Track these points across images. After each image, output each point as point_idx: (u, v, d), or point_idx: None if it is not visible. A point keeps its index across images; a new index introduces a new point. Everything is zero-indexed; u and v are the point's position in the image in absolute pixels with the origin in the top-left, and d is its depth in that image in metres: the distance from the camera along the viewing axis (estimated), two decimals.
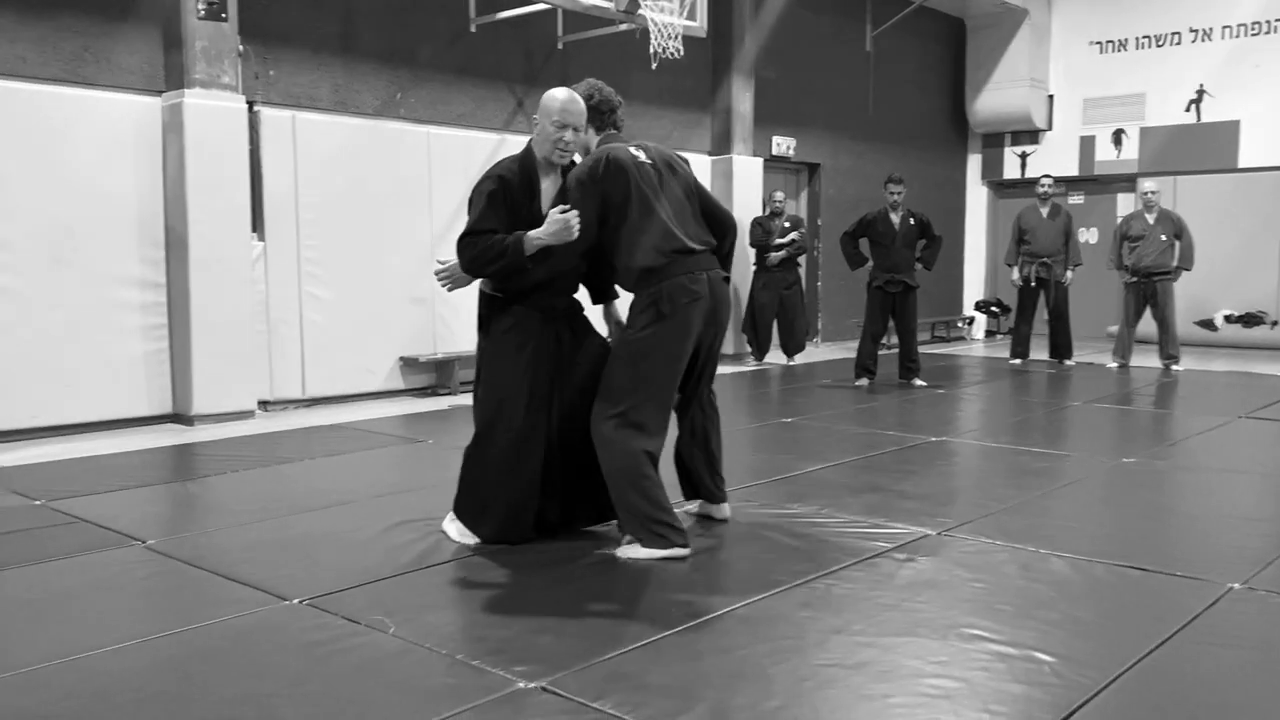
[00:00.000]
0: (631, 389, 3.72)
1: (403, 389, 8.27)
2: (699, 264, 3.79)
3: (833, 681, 2.67)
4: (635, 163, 3.79)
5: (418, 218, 8.30)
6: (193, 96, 6.77)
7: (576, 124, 3.75)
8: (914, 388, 8.50)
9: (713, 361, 4.03)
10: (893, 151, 13.15)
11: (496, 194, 3.71)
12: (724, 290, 3.92)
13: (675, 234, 3.75)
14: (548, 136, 3.75)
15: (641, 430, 3.71)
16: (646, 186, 3.77)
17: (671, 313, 3.70)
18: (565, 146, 3.76)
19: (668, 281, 3.71)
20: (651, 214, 3.75)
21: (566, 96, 3.75)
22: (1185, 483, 4.99)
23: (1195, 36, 12.61)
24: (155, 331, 6.93)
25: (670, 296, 3.70)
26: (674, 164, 3.95)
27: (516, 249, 3.63)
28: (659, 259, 3.72)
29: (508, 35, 8.98)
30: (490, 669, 2.73)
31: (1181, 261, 9.68)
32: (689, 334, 3.75)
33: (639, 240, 3.74)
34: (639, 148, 3.88)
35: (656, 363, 3.72)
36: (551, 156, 3.78)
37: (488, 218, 3.69)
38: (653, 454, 3.74)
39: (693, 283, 3.73)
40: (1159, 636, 2.93)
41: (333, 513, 4.43)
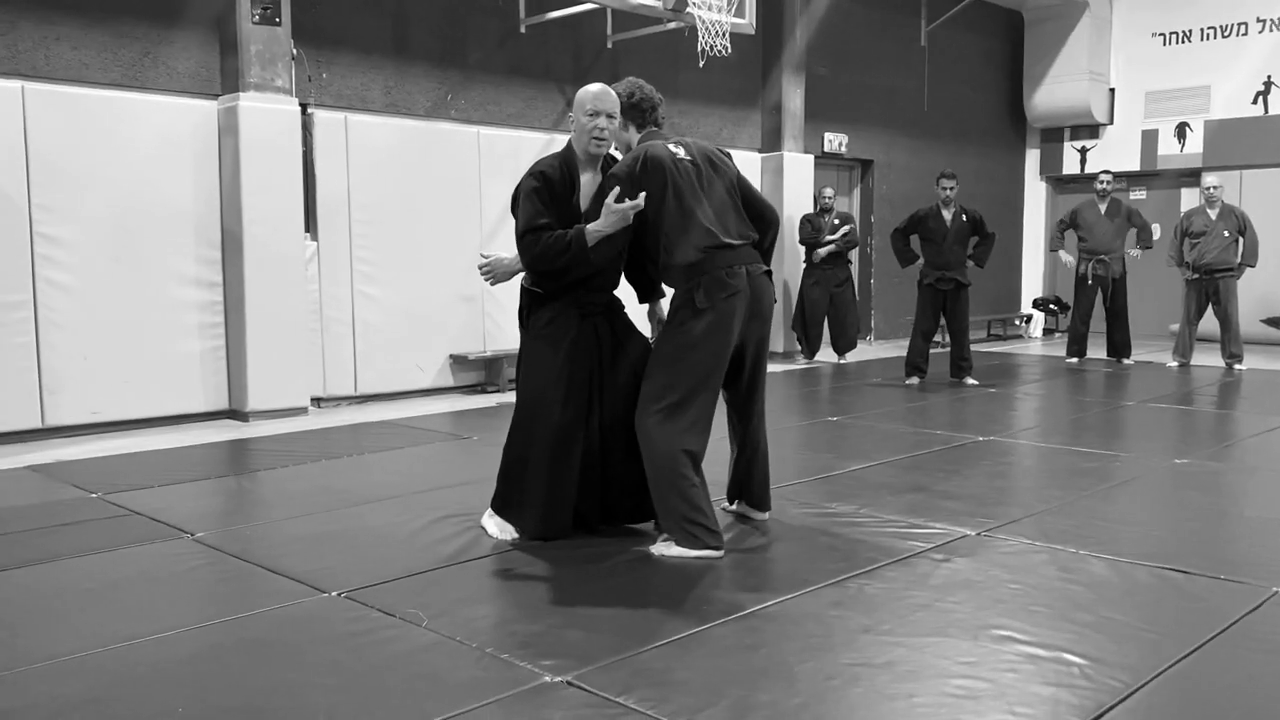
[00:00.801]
0: (672, 385, 3.73)
1: (452, 386, 8.38)
2: (738, 258, 3.78)
3: (857, 680, 2.66)
4: (674, 160, 3.80)
5: (467, 217, 8.39)
6: (247, 99, 6.92)
7: (609, 110, 3.79)
8: (965, 386, 8.40)
9: (761, 365, 3.98)
10: (948, 147, 13.00)
11: (541, 190, 3.78)
12: (765, 284, 3.89)
13: (713, 230, 3.76)
14: (583, 128, 3.80)
15: (683, 427, 3.71)
16: (684, 183, 3.78)
17: (710, 307, 3.70)
18: (600, 134, 3.78)
19: (705, 276, 3.72)
20: (689, 210, 3.76)
21: (599, 88, 3.82)
22: (1237, 485, 4.88)
23: (1263, 26, 12.27)
24: (212, 330, 7.10)
25: (708, 291, 3.70)
26: (714, 159, 3.94)
27: (580, 242, 3.69)
28: (696, 255, 3.73)
29: (557, 35, 9.04)
30: (518, 663, 2.76)
31: (1245, 258, 9.44)
32: (729, 328, 3.73)
33: (677, 237, 3.76)
34: (678, 144, 3.89)
35: (697, 358, 3.72)
36: (590, 148, 3.81)
37: (541, 213, 3.76)
38: (694, 452, 3.74)
39: (730, 276, 3.72)
40: (1195, 641, 2.88)
41: (376, 507, 4.51)
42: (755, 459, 4.11)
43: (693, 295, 3.72)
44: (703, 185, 3.83)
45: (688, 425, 3.72)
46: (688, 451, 3.72)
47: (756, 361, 3.96)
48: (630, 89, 3.92)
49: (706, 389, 3.77)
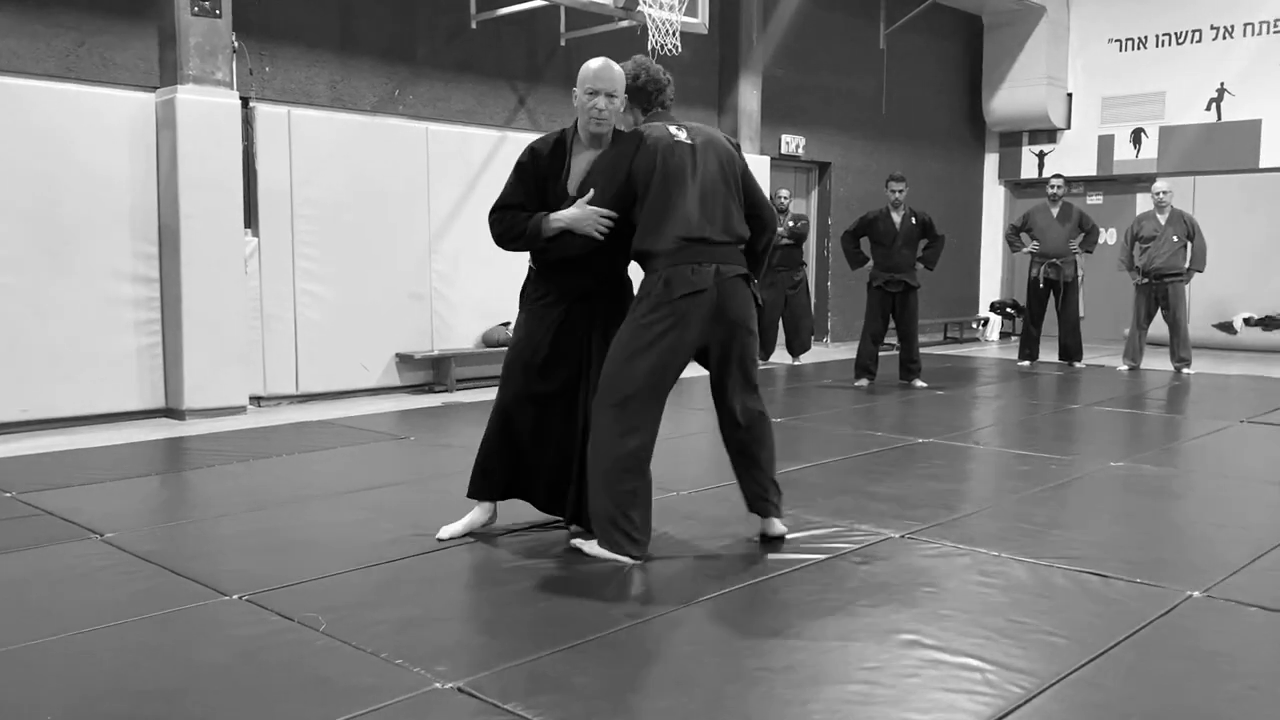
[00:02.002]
0: (621, 381, 3.57)
1: (399, 386, 8.27)
2: (711, 255, 3.57)
3: (756, 684, 2.61)
4: (670, 142, 3.62)
5: (416, 214, 8.30)
6: (186, 92, 6.80)
7: (609, 89, 3.61)
8: (914, 389, 8.39)
9: (732, 366, 3.69)
10: (906, 150, 13.02)
11: (526, 166, 3.71)
12: (736, 288, 3.63)
13: (693, 220, 3.57)
14: (583, 106, 3.65)
15: (629, 425, 3.56)
16: (675, 167, 3.59)
17: (667, 301, 3.52)
18: (599, 114, 3.62)
19: (671, 269, 3.54)
20: (672, 196, 3.57)
21: (600, 64, 3.65)
22: (1168, 488, 4.88)
23: (1216, 34, 12.38)
24: (148, 326, 6.97)
25: (668, 284, 3.53)
26: (719, 148, 3.73)
27: (534, 230, 3.62)
28: (667, 244, 3.55)
29: (510, 32, 8.97)
30: (412, 668, 2.69)
31: (1194, 263, 9.50)
32: (685, 327, 3.53)
33: (653, 222, 3.58)
34: (680, 127, 3.71)
35: (648, 355, 3.54)
36: (589, 126, 3.67)
37: (514, 191, 3.70)
38: (636, 452, 3.57)
39: (694, 274, 3.53)
40: (1102, 645, 2.85)
41: (297, 508, 4.42)
42: (755, 460, 3.79)
43: (653, 288, 3.56)
44: (695, 173, 3.63)
45: (633, 422, 3.57)
46: (631, 452, 3.56)
47: (724, 362, 3.68)
48: (636, 70, 3.74)
49: (655, 390, 3.59)
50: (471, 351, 8.58)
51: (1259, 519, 4.29)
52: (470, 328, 8.67)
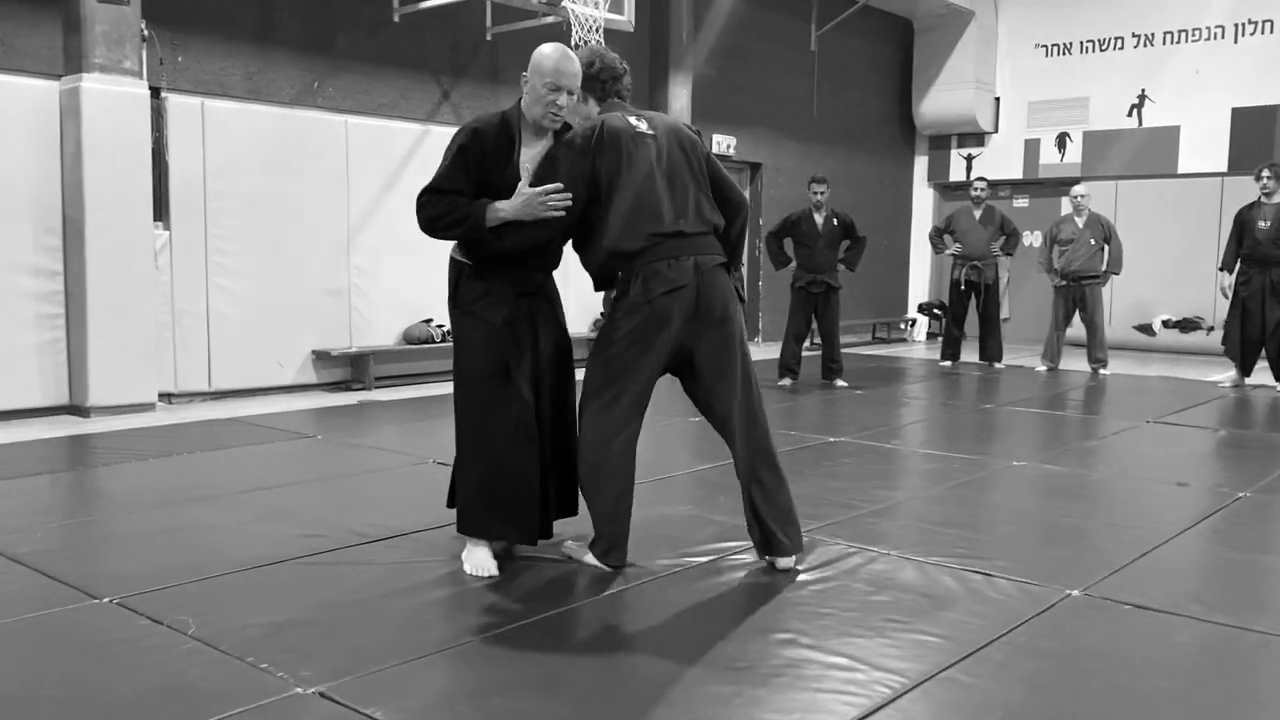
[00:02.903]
0: (604, 382, 3.42)
1: (316, 383, 8.14)
2: (686, 248, 3.39)
3: (623, 684, 2.60)
4: (633, 133, 3.43)
5: (335, 208, 8.17)
6: (91, 81, 6.62)
7: (570, 86, 3.37)
8: (835, 388, 8.45)
9: (718, 364, 3.46)
10: (837, 152, 13.12)
11: (467, 149, 3.37)
12: (717, 280, 3.44)
13: (662, 214, 3.38)
14: (538, 98, 3.36)
15: (613, 428, 3.42)
16: (641, 160, 3.40)
17: (645, 301, 3.34)
18: (557, 110, 3.38)
19: (645, 267, 3.36)
20: (639, 191, 3.38)
21: (560, 55, 3.37)
22: (1065, 487, 4.95)
23: (1138, 42, 12.64)
24: (51, 321, 6.78)
25: (645, 283, 3.35)
26: (682, 137, 3.54)
27: (477, 220, 3.33)
28: (638, 241, 3.36)
29: (433, 25, 8.87)
30: (276, 673, 2.63)
31: (1110, 266, 9.68)
32: (664, 326, 3.36)
33: (620, 220, 3.38)
34: (640, 117, 3.52)
35: (626, 358, 3.38)
36: (543, 121, 3.40)
37: (453, 175, 3.37)
38: (623, 454, 3.45)
39: (671, 269, 3.35)
40: (975, 644, 2.87)
41: (188, 508, 4.32)
42: (765, 488, 3.56)
43: (629, 287, 3.38)
44: (661, 164, 3.44)
45: (614, 428, 3.42)
46: (615, 454, 3.43)
47: (725, 373, 3.47)
48: (590, 58, 3.56)
49: (633, 393, 3.42)
50: (391, 349, 8.47)
51: (1149, 518, 4.37)
52: (390, 324, 8.57)
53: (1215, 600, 3.28)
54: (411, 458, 5.41)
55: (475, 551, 3.50)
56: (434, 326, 8.66)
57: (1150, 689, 2.62)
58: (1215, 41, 12.14)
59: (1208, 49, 12.18)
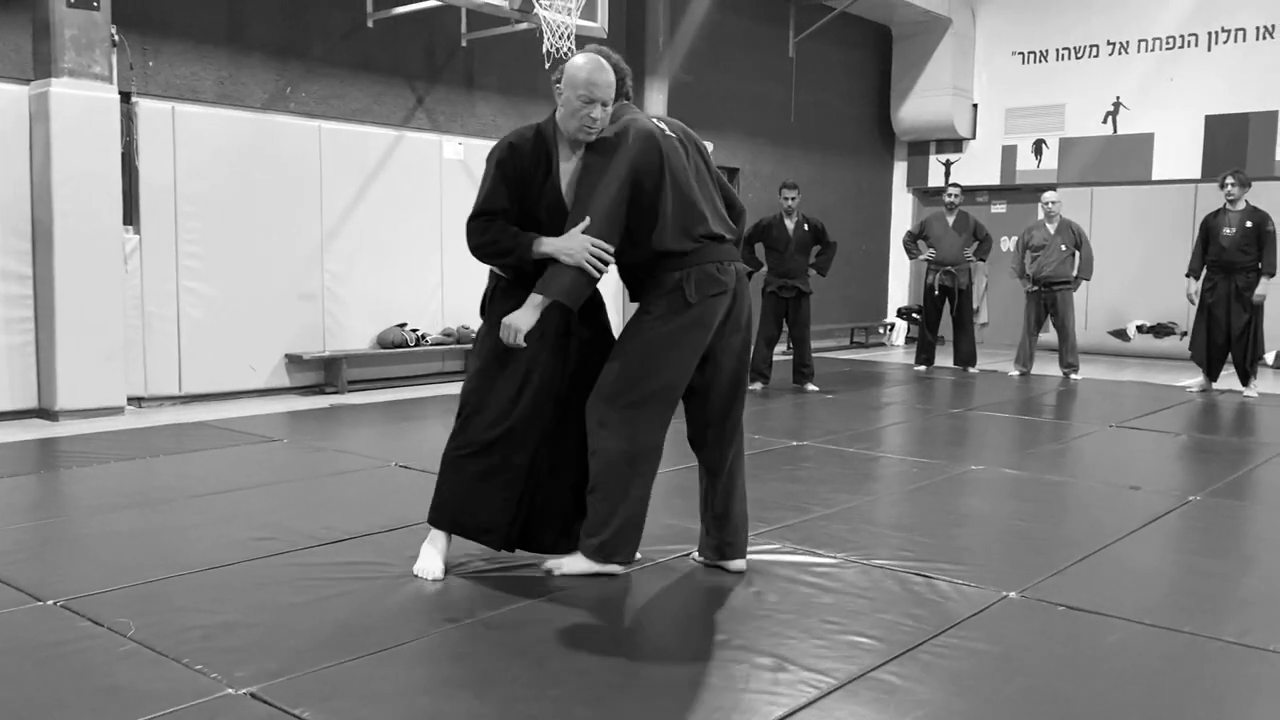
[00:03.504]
0: (641, 381, 3.34)
1: (288, 387, 8.16)
2: (727, 254, 3.42)
3: (555, 686, 2.63)
4: (662, 134, 3.40)
5: (308, 213, 8.20)
6: (60, 86, 6.63)
7: (605, 98, 3.30)
8: (806, 392, 8.50)
9: (739, 383, 3.49)
10: (815, 157, 13.19)
11: (505, 164, 3.35)
12: (747, 288, 3.51)
13: (706, 216, 3.39)
14: (573, 111, 3.31)
15: (645, 427, 3.37)
16: (677, 161, 3.39)
17: (697, 302, 3.32)
18: (592, 124, 3.32)
19: (696, 268, 3.33)
20: (681, 192, 3.37)
21: (594, 66, 3.31)
22: (1019, 491, 5.00)
23: (1113, 49, 12.74)
24: (20, 324, 6.79)
25: (698, 285, 3.32)
26: (694, 139, 3.56)
27: (522, 254, 3.29)
28: (688, 243, 3.34)
29: (408, 31, 8.90)
30: (210, 674, 2.66)
31: (1081, 271, 9.76)
32: (708, 329, 3.36)
33: (667, 221, 3.33)
34: (660, 120, 3.51)
35: (672, 357, 3.35)
36: (577, 134, 3.34)
37: (495, 194, 3.34)
38: (651, 455, 3.43)
39: (721, 273, 3.36)
40: (906, 645, 2.92)
41: (142, 511, 4.34)
42: (733, 497, 3.59)
43: (681, 286, 3.32)
44: (692, 166, 3.45)
45: (646, 427, 3.38)
46: (643, 454, 3.39)
47: (735, 378, 3.49)
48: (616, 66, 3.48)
49: (672, 393, 3.40)
50: (364, 353, 8.50)
51: (1097, 521, 4.42)
52: (364, 328, 8.59)
53: (1148, 602, 3.33)
54: (374, 461, 5.44)
55: (428, 550, 3.51)
56: (408, 331, 8.70)
57: (1070, 689, 2.66)
58: (1189, 49, 12.24)
59: (1181, 57, 12.28)
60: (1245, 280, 8.59)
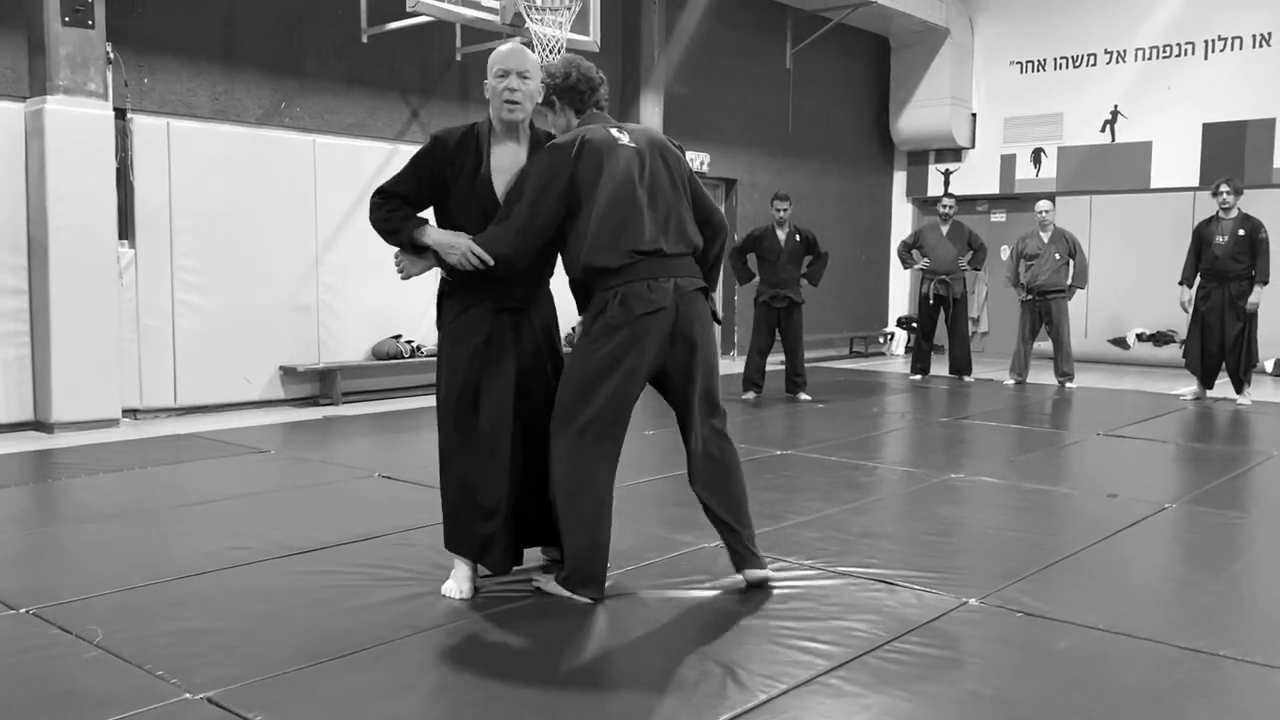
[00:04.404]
0: (581, 406, 3.32)
1: (283, 399, 8.24)
2: (667, 269, 3.32)
3: (507, 693, 2.67)
4: (613, 145, 3.36)
5: (302, 226, 8.28)
6: (55, 103, 6.74)
7: (519, 68, 3.35)
8: (799, 402, 8.54)
9: (695, 386, 3.43)
10: (813, 167, 13.24)
11: (425, 154, 3.43)
12: (695, 303, 3.39)
13: (643, 231, 3.30)
14: (494, 91, 3.38)
15: (592, 454, 3.33)
16: (622, 173, 3.33)
17: (624, 323, 3.27)
18: (513, 96, 3.34)
19: (625, 286, 3.28)
20: (621, 205, 3.30)
21: (509, 46, 3.44)
22: (996, 499, 5.02)
23: (1110, 58, 12.76)
24: (16, 339, 6.89)
25: (625, 303, 3.27)
26: (665, 152, 3.47)
27: (406, 236, 3.39)
28: (618, 258, 3.28)
29: (402, 46, 9.00)
30: (169, 679, 2.71)
31: (1075, 280, 9.77)
32: (643, 349, 3.29)
33: (602, 235, 3.29)
34: (621, 129, 3.44)
35: (607, 379, 3.29)
36: (503, 113, 3.38)
37: (404, 179, 3.44)
38: (603, 480, 3.37)
39: (652, 290, 3.28)
40: (859, 651, 2.95)
41: (124, 521, 4.41)
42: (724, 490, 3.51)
43: (607, 307, 3.30)
44: (643, 179, 3.37)
45: (593, 454, 3.33)
46: (594, 481, 3.34)
47: (688, 381, 3.41)
48: (567, 68, 3.50)
49: (616, 415, 3.34)
50: (359, 364, 8.57)
51: (1069, 528, 4.44)
52: (359, 340, 8.67)
53: (1107, 608, 3.35)
54: (358, 471, 5.49)
55: (458, 569, 3.49)
56: (403, 342, 8.76)
57: (1016, 692, 2.69)
58: (1186, 58, 12.25)
59: (1179, 65, 12.29)
60: (1239, 288, 8.59)
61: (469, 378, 3.43)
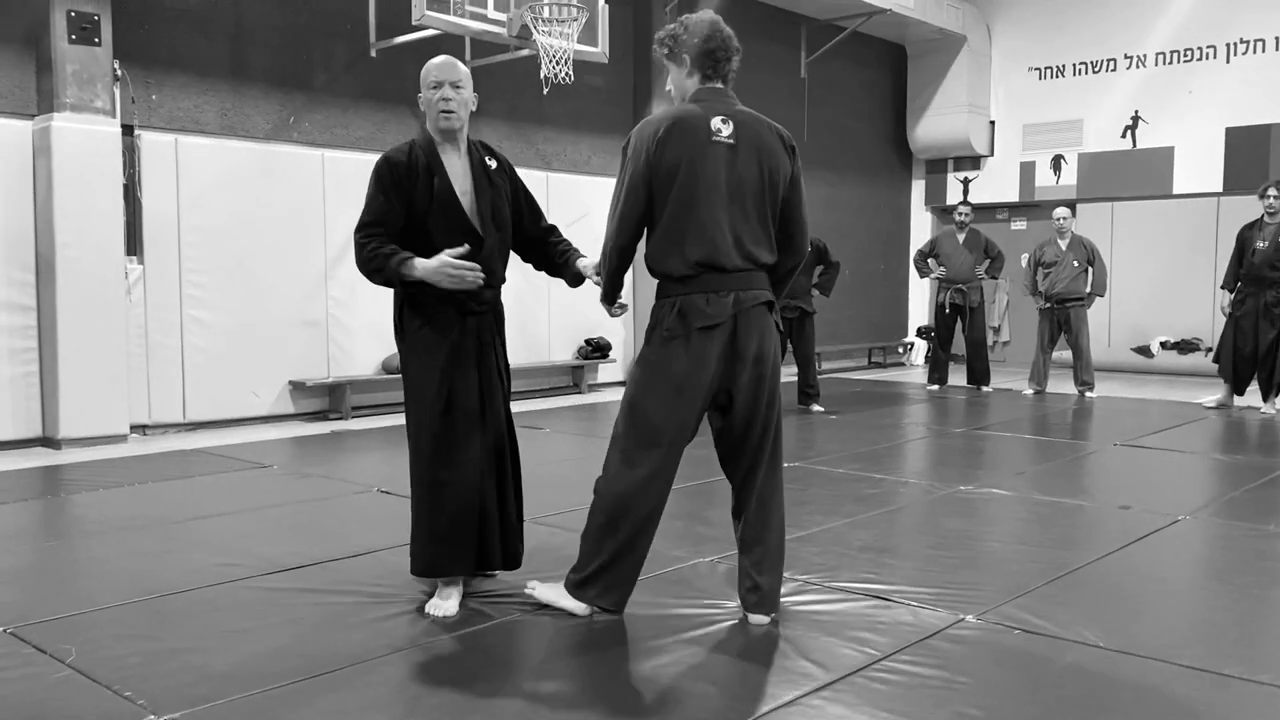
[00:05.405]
0: (630, 425, 3.20)
1: (293, 413, 8.22)
2: (729, 283, 3.12)
3: (479, 710, 2.59)
4: (707, 137, 3.11)
5: (312, 240, 8.27)
6: (62, 120, 6.76)
7: (452, 79, 3.40)
8: (811, 413, 8.42)
9: (758, 422, 3.20)
10: (830, 177, 13.13)
11: (383, 177, 3.41)
12: (756, 320, 3.15)
13: (711, 243, 3.09)
14: (429, 102, 3.43)
15: (641, 471, 3.17)
16: (708, 174, 3.10)
17: (681, 335, 3.10)
18: (447, 105, 3.38)
19: (683, 298, 3.12)
20: (694, 211, 3.09)
21: (440, 59, 3.47)
22: (1003, 511, 4.90)
23: (1130, 63, 12.58)
24: (25, 355, 6.90)
25: (682, 315, 3.10)
26: (762, 152, 3.17)
27: (395, 272, 3.32)
28: (683, 268, 3.11)
29: (411, 59, 8.97)
30: (137, 700, 2.66)
31: (1094, 288, 9.61)
32: (700, 365, 3.09)
33: (671, 240, 3.12)
34: (728, 118, 3.16)
35: (655, 396, 3.14)
36: (438, 122, 3.41)
37: (375, 206, 3.40)
38: (645, 498, 3.20)
39: (710, 304, 3.09)
40: (847, 670, 2.85)
41: (117, 537, 4.37)
42: (763, 546, 3.28)
43: (664, 316, 3.14)
44: (728, 182, 3.12)
45: (643, 471, 3.16)
46: (635, 497, 3.18)
47: (750, 416, 3.20)
48: (710, 30, 3.25)
49: (658, 440, 3.16)
50: (368, 378, 8.54)
51: (1076, 541, 4.32)
52: (369, 354, 8.64)
53: (1109, 625, 3.23)
54: (356, 486, 5.44)
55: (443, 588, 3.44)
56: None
57: (1006, 714, 2.59)
58: (1208, 61, 12.06)
59: (1200, 69, 12.10)
60: (1275, 296, 8.40)
61: (441, 389, 3.39)
